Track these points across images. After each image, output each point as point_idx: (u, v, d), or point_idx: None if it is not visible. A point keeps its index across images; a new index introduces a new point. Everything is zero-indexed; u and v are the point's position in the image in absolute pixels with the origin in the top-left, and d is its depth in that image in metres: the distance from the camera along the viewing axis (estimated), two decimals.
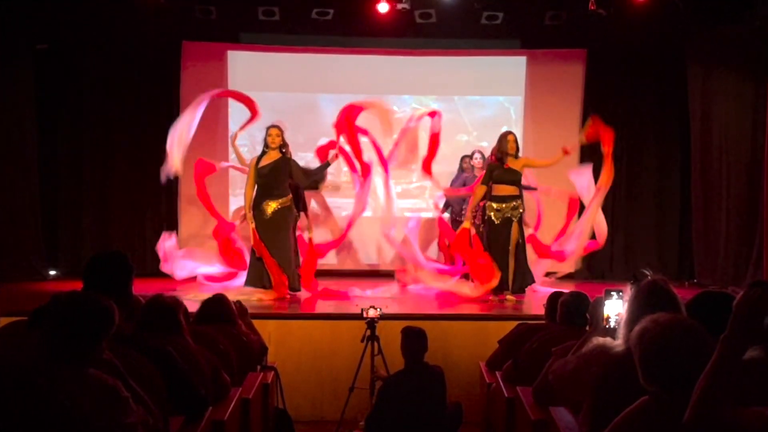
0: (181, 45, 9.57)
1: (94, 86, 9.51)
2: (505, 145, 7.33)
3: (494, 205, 7.31)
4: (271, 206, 7.21)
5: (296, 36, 9.62)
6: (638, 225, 9.83)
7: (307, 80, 9.75)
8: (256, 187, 7.33)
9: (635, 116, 9.78)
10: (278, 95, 9.77)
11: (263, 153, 7.35)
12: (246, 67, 9.72)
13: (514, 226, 7.27)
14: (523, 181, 7.56)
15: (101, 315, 2.38)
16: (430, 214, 9.22)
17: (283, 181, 7.29)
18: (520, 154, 7.54)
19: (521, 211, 7.37)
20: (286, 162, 7.33)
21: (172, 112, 9.56)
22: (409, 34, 9.51)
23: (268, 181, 7.24)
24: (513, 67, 9.82)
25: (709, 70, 9.01)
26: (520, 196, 7.39)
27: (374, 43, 9.65)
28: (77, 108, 9.53)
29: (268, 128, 7.44)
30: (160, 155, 9.58)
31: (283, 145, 7.36)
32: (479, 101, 9.91)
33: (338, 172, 9.72)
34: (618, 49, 9.72)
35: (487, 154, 8.11)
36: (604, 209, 9.73)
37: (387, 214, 7.67)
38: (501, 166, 7.33)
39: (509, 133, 7.47)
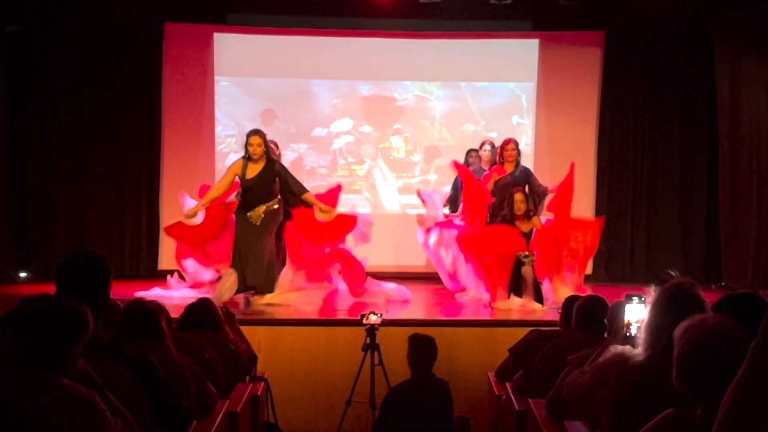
0: (163, 27, 9.56)
1: (68, 72, 9.49)
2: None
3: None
4: (259, 210, 7.19)
5: (288, 17, 9.60)
6: (661, 223, 9.83)
7: (300, 65, 9.75)
8: (239, 195, 7.33)
9: (658, 105, 9.77)
10: (268, 81, 9.77)
11: (246, 163, 7.20)
12: (233, 50, 9.71)
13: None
14: None
15: (74, 320, 2.37)
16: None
17: (271, 186, 7.26)
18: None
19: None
20: (272, 168, 7.24)
21: (153, 100, 9.58)
22: (411, 15, 9.50)
23: (256, 192, 7.21)
24: (524, 50, 9.80)
25: (739, 54, 9.00)
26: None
27: (374, 24, 9.63)
28: (50, 96, 9.51)
29: (248, 136, 7.25)
30: (140, 147, 9.64)
31: (267, 151, 7.24)
32: (488, 88, 9.89)
33: (334, 165, 9.74)
34: (639, 32, 9.71)
35: (497, 144, 8.10)
36: (623, 205, 9.78)
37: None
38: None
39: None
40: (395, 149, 9.91)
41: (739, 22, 8.94)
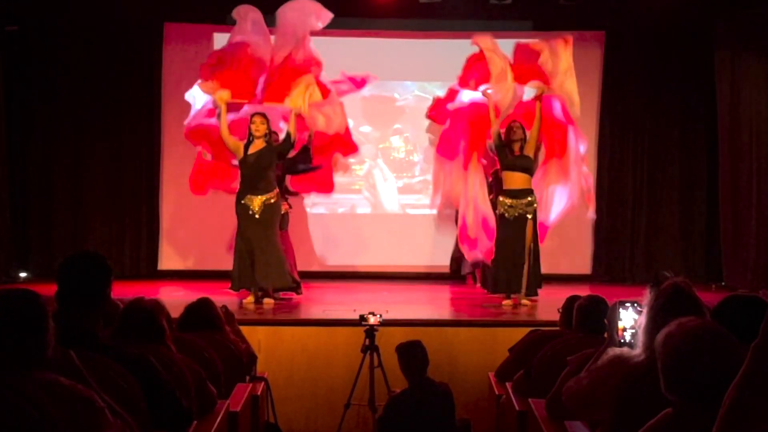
0: (162, 26, 9.56)
1: (68, 72, 9.48)
2: (510, 134, 7.31)
3: (507, 201, 7.24)
4: (256, 202, 7.17)
5: None
6: (661, 223, 9.82)
7: None
8: (240, 178, 7.33)
9: (658, 104, 9.77)
10: None
11: (249, 142, 7.28)
12: None
13: (529, 224, 7.21)
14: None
15: (27, 310, 2.30)
16: (434, 211, 9.17)
17: (268, 173, 7.25)
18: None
19: (536, 206, 7.30)
20: (271, 152, 7.28)
21: (152, 100, 9.57)
22: (411, 15, 9.51)
23: (253, 173, 7.20)
24: None
25: (739, 55, 9.00)
26: (532, 190, 7.33)
27: (374, 24, 9.64)
28: (49, 95, 9.51)
29: (252, 116, 7.31)
30: (140, 147, 9.64)
31: (268, 134, 7.29)
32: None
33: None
34: (639, 32, 9.71)
35: None
36: (623, 205, 9.78)
37: None
38: (511, 151, 7.30)
39: (514, 121, 7.46)
40: (395, 149, 9.91)
41: (739, 22, 8.94)
